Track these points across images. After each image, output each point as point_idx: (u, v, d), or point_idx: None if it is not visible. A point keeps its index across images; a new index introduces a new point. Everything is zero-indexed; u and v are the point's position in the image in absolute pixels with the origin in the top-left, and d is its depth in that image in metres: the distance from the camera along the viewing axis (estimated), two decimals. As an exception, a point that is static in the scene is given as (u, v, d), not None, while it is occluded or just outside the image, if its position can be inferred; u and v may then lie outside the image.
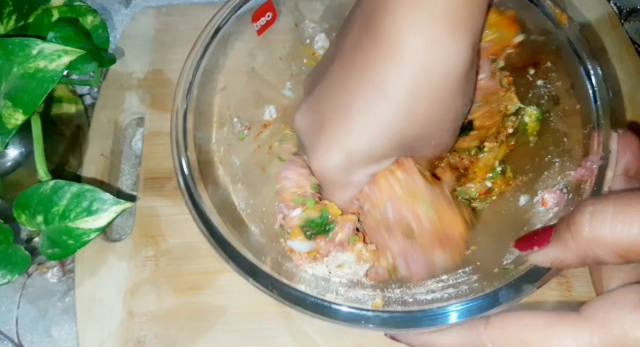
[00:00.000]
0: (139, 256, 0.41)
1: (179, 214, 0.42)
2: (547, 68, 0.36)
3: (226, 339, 0.38)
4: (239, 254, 0.30)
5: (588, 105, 0.32)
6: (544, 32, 0.34)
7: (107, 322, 0.39)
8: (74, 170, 0.44)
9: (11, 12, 0.40)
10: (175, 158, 0.33)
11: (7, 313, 0.41)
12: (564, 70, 0.34)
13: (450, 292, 0.31)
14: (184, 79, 0.35)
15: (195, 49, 0.35)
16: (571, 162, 0.32)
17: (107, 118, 0.46)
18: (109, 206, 0.35)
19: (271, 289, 0.29)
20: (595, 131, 0.30)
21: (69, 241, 0.35)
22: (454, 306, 0.28)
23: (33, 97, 0.34)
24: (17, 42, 0.35)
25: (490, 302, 0.28)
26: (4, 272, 0.35)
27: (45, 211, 0.35)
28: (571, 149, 0.33)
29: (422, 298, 0.31)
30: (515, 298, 0.28)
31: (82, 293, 0.40)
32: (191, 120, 0.34)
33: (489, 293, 0.28)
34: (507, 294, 0.28)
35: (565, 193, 0.31)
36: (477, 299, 0.28)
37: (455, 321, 0.28)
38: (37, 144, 0.37)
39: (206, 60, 0.35)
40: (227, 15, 0.36)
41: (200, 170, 0.33)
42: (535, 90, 0.36)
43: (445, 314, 0.28)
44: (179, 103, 0.34)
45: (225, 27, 0.36)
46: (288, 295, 0.29)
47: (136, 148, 0.47)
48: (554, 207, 0.31)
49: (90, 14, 0.42)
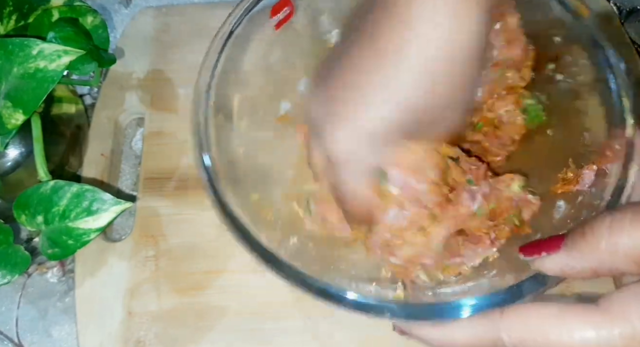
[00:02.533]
0: (139, 256, 0.41)
1: (179, 214, 0.42)
2: (567, 62, 0.35)
3: (226, 339, 0.38)
4: (261, 245, 0.31)
5: (610, 100, 0.31)
6: (563, 26, 0.34)
7: (107, 322, 0.39)
8: (74, 171, 0.44)
9: (11, 12, 0.40)
10: (198, 156, 0.33)
11: (7, 313, 0.41)
12: (585, 64, 0.34)
13: (471, 285, 0.31)
14: (202, 77, 0.35)
15: (214, 46, 0.35)
16: (591, 158, 0.32)
17: (107, 118, 0.46)
18: (109, 206, 0.35)
19: (293, 280, 0.30)
20: (619, 126, 0.30)
21: (69, 241, 0.35)
22: (478, 298, 0.28)
23: (33, 97, 0.34)
24: (17, 42, 0.35)
25: (513, 294, 0.27)
26: (4, 272, 0.35)
27: (46, 211, 0.35)
28: (591, 144, 0.32)
29: (443, 291, 0.31)
30: (539, 289, 0.27)
31: (82, 293, 0.40)
32: (212, 118, 0.34)
33: (512, 285, 0.28)
34: (531, 285, 0.27)
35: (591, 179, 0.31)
36: (500, 292, 0.28)
37: (478, 312, 0.27)
38: (37, 144, 0.37)
39: (224, 58, 0.35)
40: (244, 11, 0.36)
41: (222, 167, 0.34)
42: (554, 85, 0.36)
43: (469, 305, 0.28)
44: (200, 101, 0.34)
45: (242, 23, 0.36)
46: (309, 285, 0.29)
47: (136, 148, 0.47)
48: (586, 186, 0.31)
49: (90, 14, 0.42)
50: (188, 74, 0.47)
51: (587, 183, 0.31)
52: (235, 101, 0.38)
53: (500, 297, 0.28)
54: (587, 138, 0.33)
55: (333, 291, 0.29)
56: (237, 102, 0.38)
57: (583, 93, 0.34)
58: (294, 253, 0.32)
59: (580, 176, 0.32)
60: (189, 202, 0.42)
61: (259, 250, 0.31)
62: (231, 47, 0.36)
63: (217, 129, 0.34)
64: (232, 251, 0.40)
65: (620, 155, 0.29)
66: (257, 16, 0.37)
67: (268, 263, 0.30)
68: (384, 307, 0.29)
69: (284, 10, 0.37)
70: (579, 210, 0.31)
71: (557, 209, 0.33)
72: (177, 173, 0.43)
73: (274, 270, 0.30)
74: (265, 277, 0.39)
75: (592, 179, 0.31)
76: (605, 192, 0.29)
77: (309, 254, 0.35)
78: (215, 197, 0.32)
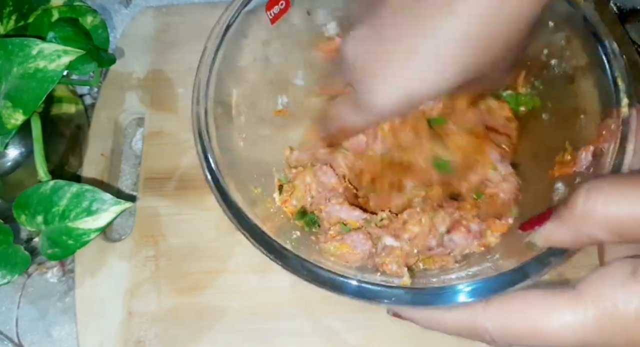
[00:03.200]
0: (139, 256, 0.41)
1: (179, 214, 0.42)
2: (560, 46, 0.35)
3: (226, 339, 0.38)
4: (268, 238, 0.31)
5: (605, 82, 0.31)
6: (557, 11, 0.34)
7: (107, 323, 0.39)
8: (73, 171, 0.44)
9: (11, 12, 0.40)
10: (200, 153, 0.33)
11: (7, 313, 0.41)
12: (578, 48, 0.34)
13: (475, 270, 0.31)
14: (201, 74, 0.35)
15: (211, 42, 0.35)
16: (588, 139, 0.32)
17: (107, 118, 0.46)
18: (109, 206, 0.35)
19: (300, 269, 0.30)
20: (614, 108, 0.30)
21: (69, 241, 0.35)
22: (481, 282, 0.28)
23: (33, 97, 0.34)
24: (17, 42, 0.35)
25: (517, 277, 0.28)
26: (4, 273, 0.35)
27: (45, 211, 0.35)
28: (587, 125, 0.33)
29: (447, 277, 0.31)
30: (542, 271, 0.27)
31: (82, 293, 0.40)
32: (211, 114, 0.34)
33: (515, 268, 0.28)
34: (535, 267, 0.27)
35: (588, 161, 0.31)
36: (504, 274, 0.28)
37: (483, 296, 0.28)
38: (37, 144, 0.37)
39: (221, 54, 0.35)
40: (239, 7, 0.36)
41: (223, 162, 0.34)
42: (548, 70, 0.36)
43: (473, 289, 0.28)
44: (199, 98, 0.34)
45: (238, 19, 0.36)
46: (315, 274, 0.30)
47: (136, 148, 0.47)
48: (583, 167, 0.31)
49: (90, 14, 0.42)
50: (188, 74, 0.47)
51: (585, 164, 0.31)
52: (234, 96, 0.38)
53: (505, 278, 0.28)
54: (583, 120, 0.33)
55: (338, 280, 0.29)
56: (236, 97, 0.38)
57: (577, 76, 0.35)
58: (297, 245, 0.33)
59: (577, 157, 0.32)
60: (189, 202, 0.42)
61: (264, 242, 0.31)
62: (228, 42, 0.36)
63: (217, 123, 0.35)
64: (232, 250, 0.40)
65: (616, 134, 0.29)
66: (253, 11, 0.37)
67: (274, 254, 0.30)
68: (391, 293, 0.29)
69: (279, 4, 0.38)
70: None
71: (556, 192, 0.33)
72: (177, 173, 0.43)
73: (279, 261, 0.30)
74: (265, 277, 0.40)
75: (589, 160, 0.31)
76: (603, 171, 0.29)
77: (312, 246, 0.35)
78: (218, 192, 0.32)
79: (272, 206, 0.37)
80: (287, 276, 0.31)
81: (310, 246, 0.36)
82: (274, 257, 0.31)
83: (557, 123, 0.36)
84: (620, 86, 0.31)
